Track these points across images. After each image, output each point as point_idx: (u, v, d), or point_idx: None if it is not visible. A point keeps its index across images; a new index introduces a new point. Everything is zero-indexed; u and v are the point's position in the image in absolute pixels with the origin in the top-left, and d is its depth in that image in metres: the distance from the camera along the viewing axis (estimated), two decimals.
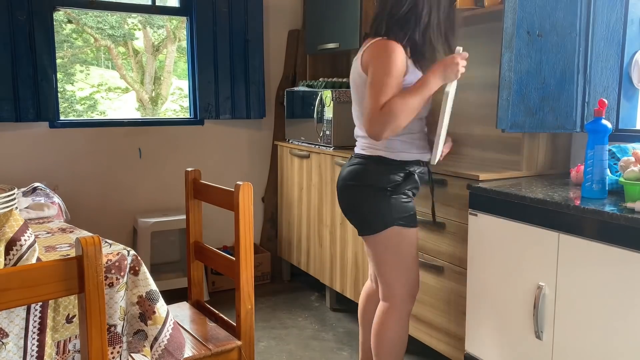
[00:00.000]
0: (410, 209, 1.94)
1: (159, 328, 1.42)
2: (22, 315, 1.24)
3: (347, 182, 1.96)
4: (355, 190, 1.94)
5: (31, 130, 3.02)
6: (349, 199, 1.97)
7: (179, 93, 5.56)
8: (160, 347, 1.43)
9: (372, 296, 2.19)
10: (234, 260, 1.76)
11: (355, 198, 1.95)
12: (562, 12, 2.03)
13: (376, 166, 1.91)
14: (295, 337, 2.80)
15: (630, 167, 1.62)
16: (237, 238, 1.70)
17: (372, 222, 1.91)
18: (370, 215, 1.91)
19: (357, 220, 1.97)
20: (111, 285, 1.35)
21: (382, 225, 1.90)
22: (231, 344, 1.73)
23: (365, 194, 1.91)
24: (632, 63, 2.15)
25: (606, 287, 1.53)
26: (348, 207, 1.99)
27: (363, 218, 1.94)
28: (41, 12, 2.90)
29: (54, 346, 1.31)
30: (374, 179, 1.90)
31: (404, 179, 1.91)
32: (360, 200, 1.93)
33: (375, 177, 1.90)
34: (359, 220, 1.96)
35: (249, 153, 3.68)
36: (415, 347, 2.65)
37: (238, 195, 1.68)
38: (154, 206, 3.38)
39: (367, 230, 1.94)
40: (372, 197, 1.90)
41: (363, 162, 1.94)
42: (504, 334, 1.88)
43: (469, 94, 2.76)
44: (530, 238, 1.75)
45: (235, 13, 3.39)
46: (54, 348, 1.31)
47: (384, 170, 1.90)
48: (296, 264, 3.42)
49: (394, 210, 1.89)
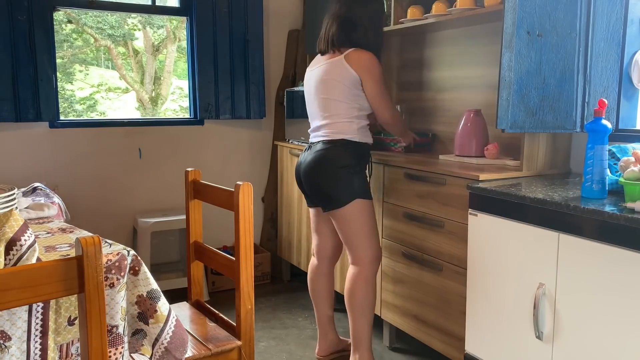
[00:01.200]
0: (367, 183, 2.32)
1: (160, 326, 1.42)
2: (24, 318, 1.24)
3: (317, 164, 2.26)
4: (324, 171, 2.25)
5: (31, 130, 3.02)
6: (319, 179, 2.27)
7: (179, 93, 5.56)
8: (162, 346, 1.42)
9: (317, 271, 2.53)
10: (234, 260, 1.76)
11: (324, 177, 2.26)
12: (562, 12, 2.03)
13: (341, 148, 2.25)
14: (295, 337, 2.80)
15: (630, 167, 1.62)
16: (237, 238, 1.71)
17: (340, 196, 2.24)
18: (338, 191, 2.24)
19: (326, 196, 2.27)
20: (112, 285, 1.35)
21: (348, 199, 2.23)
22: (231, 344, 1.73)
23: (333, 173, 2.24)
24: (632, 63, 2.15)
25: (606, 287, 1.53)
26: (318, 186, 2.29)
27: (331, 194, 2.25)
28: (41, 12, 2.90)
29: (57, 350, 1.31)
30: (339, 159, 2.24)
31: (359, 159, 2.29)
32: (328, 179, 2.25)
33: (339, 157, 2.24)
34: (328, 197, 2.27)
35: (249, 153, 3.68)
36: (415, 347, 2.65)
37: (238, 195, 1.69)
38: (154, 206, 3.38)
39: (336, 204, 2.25)
40: (339, 175, 2.23)
41: (328, 147, 2.26)
42: (504, 334, 1.88)
43: (469, 94, 2.77)
44: (530, 238, 1.75)
45: (235, 13, 3.39)
46: (57, 352, 1.31)
47: (347, 151, 2.25)
48: (296, 264, 3.42)
49: (357, 185, 2.25)
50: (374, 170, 2.57)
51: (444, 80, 2.91)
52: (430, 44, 3.00)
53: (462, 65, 2.79)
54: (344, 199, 2.24)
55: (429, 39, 3.00)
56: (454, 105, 2.86)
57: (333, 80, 2.27)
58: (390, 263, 2.53)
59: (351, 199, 2.24)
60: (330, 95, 2.28)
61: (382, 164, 2.54)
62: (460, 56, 2.80)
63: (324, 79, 2.29)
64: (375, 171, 2.59)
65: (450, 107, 2.89)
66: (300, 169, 2.38)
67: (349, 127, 2.27)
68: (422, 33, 3.01)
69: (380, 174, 2.56)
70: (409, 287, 2.43)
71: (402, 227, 2.44)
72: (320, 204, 2.34)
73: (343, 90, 2.25)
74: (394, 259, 2.51)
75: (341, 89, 2.25)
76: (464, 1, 2.36)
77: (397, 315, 2.52)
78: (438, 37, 2.94)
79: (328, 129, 2.29)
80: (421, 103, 3.08)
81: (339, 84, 2.25)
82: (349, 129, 2.27)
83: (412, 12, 2.69)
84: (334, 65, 2.27)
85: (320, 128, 2.33)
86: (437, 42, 2.94)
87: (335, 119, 2.28)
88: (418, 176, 2.32)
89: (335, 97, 2.27)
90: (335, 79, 2.26)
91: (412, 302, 2.42)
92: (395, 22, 2.86)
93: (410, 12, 2.69)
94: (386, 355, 2.60)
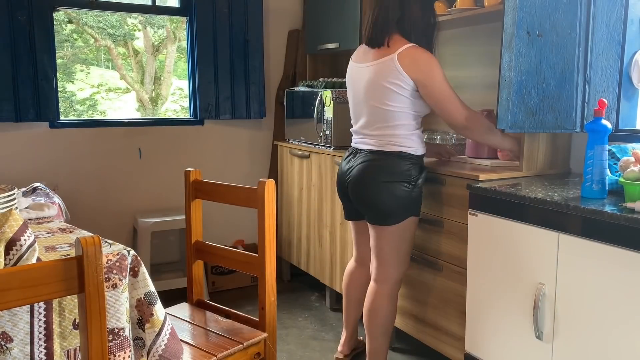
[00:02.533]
0: (422, 200, 2.16)
1: (156, 332, 1.40)
2: (25, 319, 1.23)
3: (372, 176, 2.08)
4: (378, 182, 2.07)
5: (31, 130, 3.02)
6: (372, 190, 2.09)
7: (179, 93, 5.56)
8: (157, 353, 1.40)
9: (355, 276, 2.42)
10: (256, 255, 1.81)
11: (379, 190, 2.07)
12: (562, 12, 2.03)
13: (399, 161, 2.07)
14: (295, 337, 2.80)
15: (630, 167, 1.62)
16: (262, 233, 1.76)
17: (394, 213, 2.08)
18: (397, 208, 2.07)
19: (378, 211, 2.10)
20: (115, 286, 1.34)
21: (403, 216, 2.09)
22: (258, 336, 1.77)
23: (388, 186, 2.06)
24: (632, 63, 2.15)
25: (606, 287, 1.53)
26: (370, 198, 2.10)
27: (386, 210, 2.08)
28: (41, 12, 2.90)
29: (64, 355, 1.30)
30: (396, 173, 2.06)
31: (419, 172, 2.12)
32: (384, 192, 2.06)
33: (398, 171, 2.06)
34: (381, 212, 2.09)
35: (249, 153, 3.68)
36: (415, 347, 2.65)
37: (263, 192, 1.74)
38: (154, 206, 3.38)
39: (388, 220, 2.09)
40: (395, 189, 2.06)
41: (383, 157, 2.09)
42: (504, 334, 1.88)
43: (469, 94, 2.77)
44: (530, 238, 1.75)
45: (235, 13, 3.39)
46: (64, 357, 1.30)
47: (405, 164, 2.08)
48: (296, 264, 3.42)
49: (414, 201, 2.10)
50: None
51: None
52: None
53: (462, 65, 2.79)
54: (398, 216, 2.08)
55: None
56: None
57: (387, 88, 2.05)
58: None
59: (405, 216, 2.09)
60: (384, 104, 2.07)
61: None
62: (460, 56, 2.80)
63: (376, 85, 2.07)
64: None
65: None
66: (345, 178, 2.19)
67: (409, 139, 2.08)
68: None
69: None
70: (409, 287, 2.43)
71: None
72: (368, 217, 2.16)
73: (398, 99, 2.04)
74: None
75: (397, 99, 2.04)
76: (464, 1, 2.36)
77: (397, 315, 2.52)
78: (438, 37, 2.93)
79: (383, 139, 2.09)
80: None
81: (394, 93, 2.04)
82: (409, 141, 2.08)
83: None
84: (385, 67, 2.04)
85: (371, 136, 2.13)
86: (437, 42, 2.94)
87: (392, 130, 2.08)
88: None
89: (390, 107, 2.06)
90: (389, 87, 2.04)
91: (412, 302, 2.42)
92: None
93: None
94: None
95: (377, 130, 2.11)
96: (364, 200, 2.13)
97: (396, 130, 2.08)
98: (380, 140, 2.11)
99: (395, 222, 2.09)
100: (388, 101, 2.06)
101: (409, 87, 2.03)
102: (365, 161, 2.12)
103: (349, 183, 2.17)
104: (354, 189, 2.14)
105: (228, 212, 3.47)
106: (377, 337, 2.21)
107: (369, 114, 2.13)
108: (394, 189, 2.06)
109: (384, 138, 2.10)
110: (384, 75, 2.05)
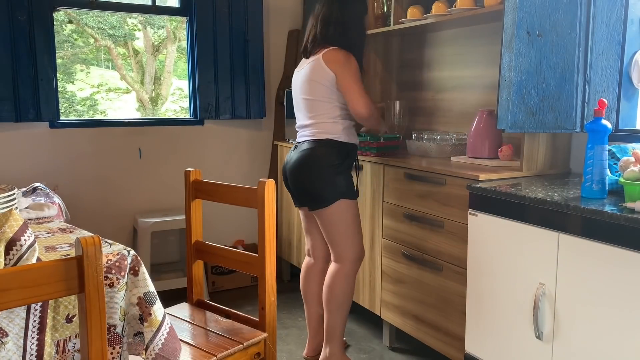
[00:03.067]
0: (352, 183, 2.34)
1: (154, 331, 1.41)
2: (22, 315, 1.24)
3: (302, 163, 2.29)
4: (309, 170, 2.28)
5: (31, 130, 3.02)
6: (304, 178, 2.30)
7: (179, 93, 5.56)
8: (153, 352, 1.41)
9: (311, 270, 2.54)
10: (256, 255, 1.81)
11: (309, 177, 2.28)
12: (562, 12, 2.03)
13: (326, 148, 2.28)
14: (295, 337, 2.80)
15: (630, 167, 1.61)
16: (262, 233, 1.76)
17: (324, 196, 2.27)
18: (323, 191, 2.27)
19: (311, 196, 2.30)
20: (111, 285, 1.35)
21: (333, 199, 2.26)
22: (258, 336, 1.77)
23: (318, 172, 2.27)
24: (632, 63, 2.15)
25: (606, 287, 1.53)
26: (303, 186, 2.32)
27: (316, 193, 2.28)
28: (41, 12, 2.90)
29: (54, 345, 1.31)
30: (324, 159, 2.26)
31: (344, 159, 2.30)
32: (313, 178, 2.27)
33: (324, 157, 2.26)
34: (313, 196, 2.29)
35: (249, 153, 3.68)
36: (415, 347, 2.65)
37: (263, 192, 1.75)
38: (154, 206, 3.38)
39: (321, 204, 2.28)
40: (323, 175, 2.26)
41: (314, 146, 2.29)
42: (504, 334, 1.88)
43: (469, 94, 2.77)
44: (530, 238, 1.75)
45: (235, 13, 3.39)
46: (54, 347, 1.31)
47: (332, 151, 2.27)
48: (296, 264, 3.42)
49: (341, 185, 2.27)
50: (371, 170, 2.59)
51: (444, 80, 2.91)
52: (430, 44, 3.00)
53: (462, 65, 2.79)
54: (328, 199, 2.27)
55: (429, 39, 3.00)
56: (454, 105, 2.86)
57: (314, 81, 2.30)
58: (391, 263, 2.53)
59: (335, 198, 2.26)
60: (313, 95, 2.31)
61: (382, 164, 2.54)
62: (460, 56, 2.80)
63: (306, 80, 2.32)
64: (375, 171, 2.59)
65: (451, 107, 2.89)
66: (286, 168, 2.40)
67: (334, 128, 2.29)
68: (422, 33, 3.01)
69: (380, 174, 2.56)
70: (409, 287, 2.43)
71: (402, 227, 2.44)
72: (306, 204, 2.36)
73: (324, 90, 2.28)
74: (394, 259, 2.51)
75: (322, 90, 2.28)
76: (464, 1, 2.36)
77: (397, 315, 2.52)
78: (438, 37, 2.94)
79: (313, 128, 2.32)
80: (421, 103, 3.08)
81: (319, 85, 2.28)
82: (333, 129, 2.29)
83: (412, 12, 2.69)
84: (313, 66, 2.30)
85: (306, 128, 2.36)
86: (437, 42, 2.95)
87: (320, 119, 2.31)
88: (418, 176, 2.32)
89: (317, 97, 2.30)
90: (315, 80, 2.29)
91: (412, 302, 2.42)
92: (395, 22, 2.86)
93: (410, 12, 2.69)
94: (386, 355, 2.60)
95: (310, 119, 2.33)
96: (298, 188, 2.35)
97: (322, 119, 2.30)
98: (311, 130, 2.33)
99: (327, 204, 2.27)
100: (316, 93, 2.30)
101: (331, 80, 2.27)
102: (300, 151, 2.33)
103: (288, 174, 2.39)
104: (291, 178, 2.36)
105: (228, 212, 3.47)
106: (332, 313, 2.36)
107: (302, 108, 2.37)
108: (321, 174, 2.26)
109: (315, 127, 2.31)
110: (312, 72, 2.30)
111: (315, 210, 2.31)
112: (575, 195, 1.72)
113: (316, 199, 2.29)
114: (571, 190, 1.81)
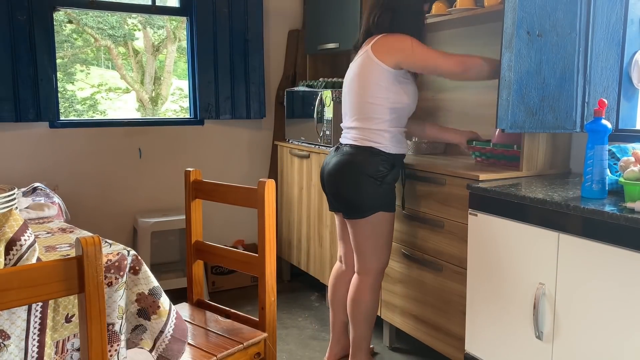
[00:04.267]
0: (393, 196, 2.21)
1: (164, 320, 1.44)
2: (23, 317, 1.24)
3: (339, 169, 2.17)
4: (346, 177, 2.16)
5: (31, 130, 3.02)
6: (340, 185, 2.18)
7: (179, 93, 5.56)
8: (167, 338, 1.44)
9: (341, 277, 2.43)
10: (256, 255, 1.81)
11: (347, 184, 2.16)
12: (562, 12, 2.03)
13: (368, 157, 2.13)
14: (295, 337, 2.80)
15: (630, 167, 1.62)
16: (262, 233, 1.76)
17: (362, 206, 2.14)
18: (359, 201, 2.14)
19: (347, 204, 2.19)
20: (110, 284, 1.35)
21: (371, 211, 2.14)
22: (258, 336, 1.77)
23: (357, 180, 2.13)
24: (632, 63, 2.15)
25: (606, 287, 1.53)
26: (339, 192, 2.20)
27: (353, 202, 2.16)
28: (41, 12, 2.90)
29: (53, 346, 1.31)
30: (364, 167, 2.12)
31: (390, 169, 2.16)
32: (352, 186, 2.14)
33: (367, 166, 2.12)
34: (349, 204, 2.18)
35: (249, 153, 3.68)
36: (415, 347, 2.65)
37: (263, 192, 1.74)
38: (154, 206, 3.38)
39: (357, 214, 2.16)
40: (362, 184, 2.13)
41: (354, 152, 2.16)
42: (504, 334, 1.88)
43: (469, 94, 2.77)
44: (530, 238, 1.75)
45: (235, 13, 3.39)
46: (53, 348, 1.31)
47: (375, 160, 2.13)
48: (296, 264, 3.42)
49: (382, 197, 2.15)
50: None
51: (444, 80, 2.91)
52: (430, 44, 3.00)
53: None
54: (364, 210, 2.14)
55: (429, 39, 3.00)
56: (454, 105, 2.86)
57: (362, 78, 2.13)
58: (391, 263, 2.53)
59: (373, 211, 2.15)
60: (360, 96, 2.15)
61: None
62: None
63: (354, 77, 2.17)
64: None
65: (450, 107, 2.89)
66: (324, 171, 2.28)
67: (380, 137, 2.13)
68: None
69: None
70: (409, 287, 2.43)
71: (402, 227, 2.44)
72: (341, 210, 2.26)
73: (373, 89, 2.10)
74: (394, 259, 2.50)
75: (371, 88, 2.11)
76: (464, 1, 2.36)
77: (397, 315, 2.52)
78: (438, 37, 2.94)
79: (358, 133, 2.16)
80: (421, 103, 3.07)
81: (369, 83, 2.11)
82: (379, 137, 2.13)
83: None
84: (362, 60, 2.14)
85: (350, 130, 2.21)
86: (437, 42, 2.94)
87: (366, 124, 2.14)
88: (418, 176, 2.32)
89: (365, 98, 2.13)
90: (365, 77, 2.12)
91: (412, 302, 2.42)
92: None
93: None
94: (386, 355, 2.60)
95: (355, 122, 2.18)
96: (334, 193, 2.24)
97: (368, 125, 2.15)
98: (355, 134, 2.18)
99: (363, 215, 2.15)
100: (362, 92, 2.14)
101: (385, 73, 2.09)
102: (340, 155, 2.20)
103: (325, 177, 2.27)
104: (328, 182, 2.25)
105: (228, 212, 3.47)
106: (359, 325, 2.29)
107: (349, 108, 2.23)
108: (362, 183, 2.13)
109: (358, 132, 2.17)
110: (362, 68, 2.15)
111: (350, 219, 2.20)
112: (575, 195, 1.72)
113: (351, 208, 2.17)
114: (571, 190, 1.81)
